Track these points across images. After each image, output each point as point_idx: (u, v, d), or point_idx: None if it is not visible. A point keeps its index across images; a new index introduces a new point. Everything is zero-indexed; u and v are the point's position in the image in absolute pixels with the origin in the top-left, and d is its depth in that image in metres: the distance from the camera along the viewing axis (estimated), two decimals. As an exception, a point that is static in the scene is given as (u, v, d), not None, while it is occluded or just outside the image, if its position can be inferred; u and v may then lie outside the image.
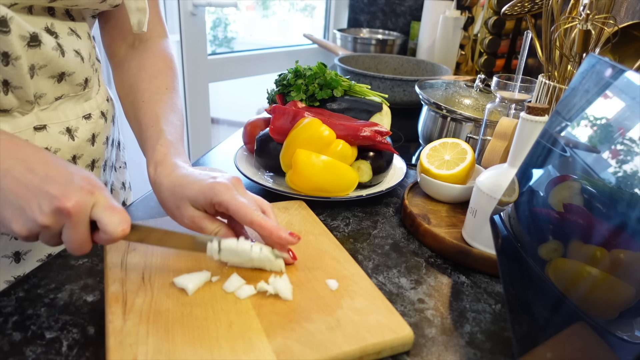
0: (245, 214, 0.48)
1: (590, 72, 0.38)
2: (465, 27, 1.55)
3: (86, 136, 0.61)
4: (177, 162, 0.53)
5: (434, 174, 0.70)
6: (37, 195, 0.39)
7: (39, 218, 0.39)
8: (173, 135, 0.57)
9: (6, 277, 0.58)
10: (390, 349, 0.43)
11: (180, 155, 0.55)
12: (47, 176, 0.40)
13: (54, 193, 0.39)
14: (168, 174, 0.52)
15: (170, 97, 0.63)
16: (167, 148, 0.55)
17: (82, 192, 0.40)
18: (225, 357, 0.39)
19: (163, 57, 0.67)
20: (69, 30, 0.56)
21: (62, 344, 0.43)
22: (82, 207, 0.40)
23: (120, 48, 0.68)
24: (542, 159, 0.41)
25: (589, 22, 0.61)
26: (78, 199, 0.40)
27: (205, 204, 0.49)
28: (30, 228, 0.40)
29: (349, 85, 0.82)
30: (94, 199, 0.41)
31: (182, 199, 0.50)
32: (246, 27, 2.87)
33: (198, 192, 0.49)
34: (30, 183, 0.40)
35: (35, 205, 0.39)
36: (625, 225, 0.32)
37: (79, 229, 0.41)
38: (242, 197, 0.49)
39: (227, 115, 2.94)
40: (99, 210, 0.41)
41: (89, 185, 0.41)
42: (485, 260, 0.56)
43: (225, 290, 0.46)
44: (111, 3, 0.57)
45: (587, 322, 0.33)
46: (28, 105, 0.53)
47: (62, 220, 0.40)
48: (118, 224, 0.42)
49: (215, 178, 0.50)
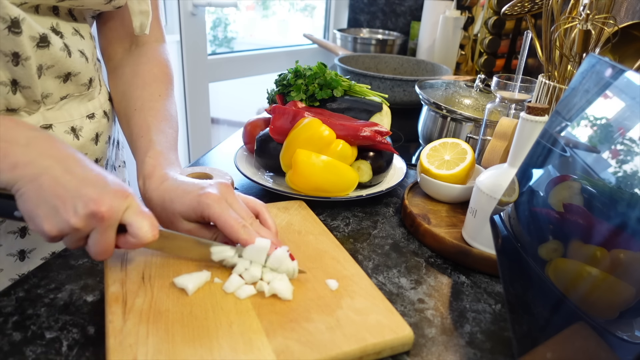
0: (232, 233, 0.47)
1: (590, 72, 0.38)
2: (465, 27, 1.55)
3: (90, 135, 0.61)
4: (167, 173, 0.53)
5: (434, 174, 0.70)
6: (74, 197, 0.39)
7: (72, 220, 0.39)
8: (163, 145, 0.57)
9: (11, 275, 0.58)
10: (390, 349, 0.43)
11: (170, 164, 0.55)
12: (85, 179, 0.41)
13: (90, 196, 0.40)
14: (156, 188, 0.51)
15: (163, 104, 0.62)
16: (155, 160, 0.55)
17: (116, 197, 0.41)
18: (225, 357, 0.39)
19: (158, 62, 0.67)
20: (73, 30, 0.56)
21: (62, 344, 0.43)
22: (115, 212, 0.41)
23: (116, 52, 0.68)
24: (542, 159, 0.41)
25: (589, 22, 0.61)
26: (112, 203, 0.40)
27: (197, 217, 0.49)
28: (61, 229, 0.40)
29: (349, 85, 0.82)
30: (127, 203, 0.42)
31: (173, 215, 0.50)
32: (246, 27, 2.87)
33: (188, 208, 0.49)
34: (68, 184, 0.40)
35: (70, 207, 0.39)
36: (625, 225, 0.32)
37: (107, 233, 0.41)
38: (232, 207, 0.49)
39: (227, 115, 2.94)
40: (131, 214, 0.42)
41: (122, 190, 0.42)
42: (485, 260, 0.56)
43: (225, 290, 0.46)
44: (115, 4, 0.57)
45: (587, 322, 0.33)
46: (35, 105, 0.53)
47: (93, 224, 0.40)
48: (149, 229, 0.43)
49: (203, 189, 0.49)
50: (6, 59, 0.48)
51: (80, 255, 0.55)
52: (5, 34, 0.47)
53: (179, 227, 0.50)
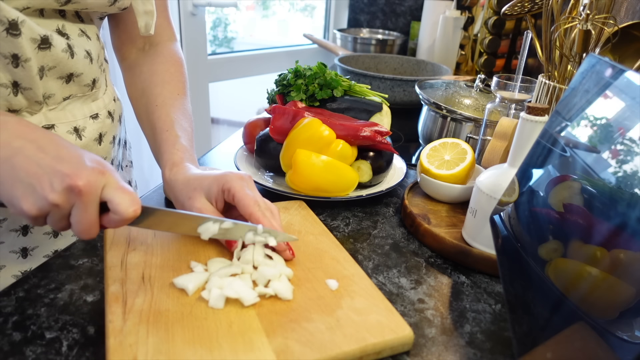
0: (247, 205, 0.50)
1: (590, 72, 0.38)
2: (465, 27, 1.55)
3: (93, 136, 0.61)
4: (190, 166, 0.57)
5: (434, 174, 0.70)
6: (49, 173, 0.39)
7: (50, 196, 0.39)
8: (187, 142, 0.61)
9: (13, 272, 0.59)
10: (390, 349, 0.43)
11: (193, 161, 0.59)
12: (58, 156, 0.41)
13: (66, 171, 0.39)
14: (184, 173, 0.55)
15: (182, 102, 0.65)
16: (183, 153, 0.58)
17: (93, 172, 0.41)
18: (225, 357, 0.39)
19: (174, 61, 0.69)
20: (79, 32, 0.57)
21: (62, 344, 0.43)
22: (93, 186, 0.40)
23: (130, 52, 0.70)
24: (542, 159, 0.41)
25: (589, 22, 0.61)
26: (89, 178, 0.40)
27: (218, 191, 0.51)
28: (40, 207, 0.40)
29: (349, 85, 0.82)
30: (104, 179, 0.41)
31: (195, 190, 0.52)
32: (246, 27, 2.87)
33: (212, 181, 0.52)
34: (41, 161, 0.40)
35: (46, 183, 0.39)
36: (625, 225, 0.32)
37: (88, 209, 0.41)
38: (251, 191, 0.52)
39: (227, 115, 2.94)
40: (110, 190, 0.42)
41: (99, 166, 0.42)
42: (485, 260, 0.56)
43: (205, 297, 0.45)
44: (119, 6, 0.58)
45: (587, 322, 0.33)
46: (37, 106, 0.54)
47: (72, 199, 0.40)
48: (129, 204, 0.42)
49: (228, 170, 0.53)
50: (6, 60, 0.48)
51: (80, 255, 0.55)
52: (4, 36, 0.47)
53: (194, 204, 0.52)
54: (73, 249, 0.56)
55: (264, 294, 0.45)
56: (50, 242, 0.61)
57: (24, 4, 0.48)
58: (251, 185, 0.52)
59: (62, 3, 0.51)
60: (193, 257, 0.51)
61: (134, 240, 0.52)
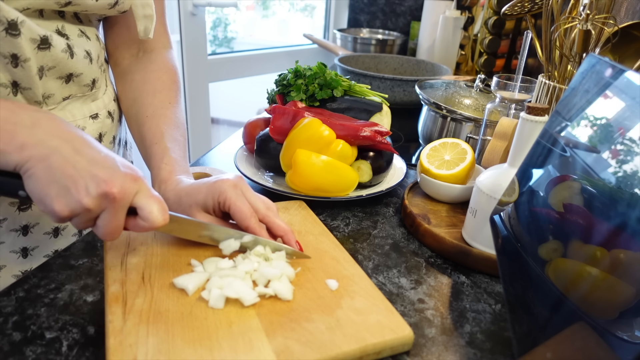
0: (244, 219, 0.50)
1: (590, 72, 0.38)
2: (465, 27, 1.55)
3: (93, 135, 0.61)
4: (181, 178, 0.56)
5: (434, 174, 0.70)
6: (85, 177, 0.40)
7: (84, 200, 0.39)
8: (177, 153, 0.59)
9: (14, 271, 0.58)
10: (390, 349, 0.43)
11: (184, 172, 0.58)
12: (93, 159, 0.41)
13: (102, 177, 0.40)
14: (173, 189, 0.54)
15: (174, 112, 0.64)
16: (171, 166, 0.57)
17: (127, 179, 0.41)
18: (225, 357, 0.39)
19: (167, 69, 0.68)
20: (79, 32, 0.57)
21: (62, 344, 0.43)
22: (127, 193, 0.41)
23: (123, 57, 0.69)
24: (542, 159, 0.41)
25: (589, 22, 0.61)
26: (124, 185, 0.41)
27: (214, 203, 0.51)
28: (73, 209, 0.40)
29: (349, 85, 0.82)
30: (137, 186, 0.42)
31: (190, 206, 0.52)
32: (246, 27, 2.87)
33: (206, 194, 0.51)
34: (78, 164, 0.40)
35: (82, 187, 0.39)
36: (625, 225, 0.32)
37: (118, 214, 0.41)
38: (246, 197, 0.51)
39: (227, 115, 2.94)
40: (141, 197, 0.42)
41: (132, 172, 0.42)
42: (485, 260, 0.56)
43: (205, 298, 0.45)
44: (119, 9, 0.57)
45: (587, 322, 0.33)
46: (36, 106, 0.54)
47: (105, 205, 0.41)
48: (159, 213, 0.43)
49: (219, 177, 0.52)
50: (5, 60, 0.48)
51: (80, 255, 0.55)
52: (3, 36, 0.47)
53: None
54: (73, 249, 0.56)
55: (264, 294, 0.45)
56: (51, 242, 0.61)
57: (24, 5, 0.48)
58: (245, 189, 0.52)
59: (62, 5, 0.51)
60: (193, 257, 0.51)
61: (134, 241, 0.52)
